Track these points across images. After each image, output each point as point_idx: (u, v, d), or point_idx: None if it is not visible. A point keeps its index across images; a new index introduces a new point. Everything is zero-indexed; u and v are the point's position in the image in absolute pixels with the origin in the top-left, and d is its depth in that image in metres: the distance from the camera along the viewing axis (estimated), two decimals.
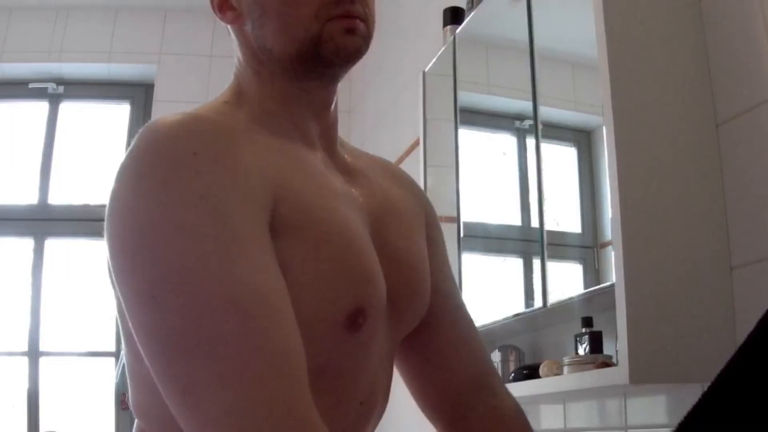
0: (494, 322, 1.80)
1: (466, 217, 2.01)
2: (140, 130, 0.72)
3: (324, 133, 0.88)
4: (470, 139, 2.08)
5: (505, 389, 1.01)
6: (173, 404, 0.65)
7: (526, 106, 1.70)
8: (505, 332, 1.91)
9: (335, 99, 0.89)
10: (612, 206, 1.28)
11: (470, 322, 1.01)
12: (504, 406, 1.00)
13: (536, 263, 1.63)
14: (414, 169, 2.71)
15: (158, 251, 0.65)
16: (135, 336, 0.68)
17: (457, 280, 1.98)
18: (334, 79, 0.87)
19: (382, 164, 1.00)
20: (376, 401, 0.88)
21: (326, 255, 0.75)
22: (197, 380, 0.63)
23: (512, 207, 1.84)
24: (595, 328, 1.48)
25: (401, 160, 3.09)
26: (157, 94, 3.78)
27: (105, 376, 3.61)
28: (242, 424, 0.61)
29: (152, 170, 0.68)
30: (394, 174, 1.00)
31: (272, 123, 0.83)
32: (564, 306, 1.55)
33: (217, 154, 0.69)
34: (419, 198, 1.01)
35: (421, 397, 1.03)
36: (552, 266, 1.59)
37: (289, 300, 0.68)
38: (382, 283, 0.81)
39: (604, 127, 1.31)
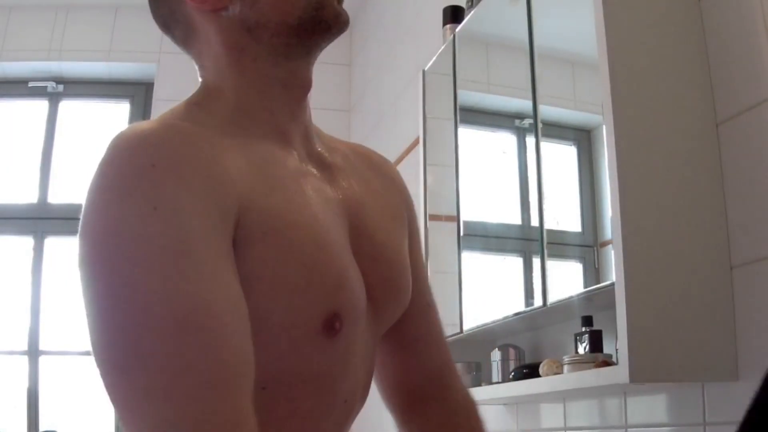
0: (494, 321, 1.80)
1: (466, 216, 2.01)
2: (110, 140, 0.72)
3: (300, 127, 0.87)
4: (470, 137, 2.08)
5: (462, 385, 1.02)
6: (117, 415, 0.65)
7: (526, 104, 1.70)
8: (505, 331, 1.91)
9: (311, 89, 0.89)
10: (612, 205, 1.28)
11: (438, 320, 1.02)
12: (458, 399, 1.00)
13: (536, 262, 1.63)
14: (414, 167, 2.71)
15: (108, 264, 0.65)
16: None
17: (457, 279, 1.98)
18: (316, 56, 0.87)
19: (362, 153, 0.99)
20: (357, 398, 0.88)
21: (297, 262, 0.74)
22: (133, 395, 0.63)
23: (512, 206, 1.84)
24: (595, 327, 1.48)
25: (401, 158, 3.08)
26: (157, 92, 3.78)
27: None
28: None
29: (111, 183, 0.68)
30: (374, 163, 0.99)
31: (248, 120, 0.82)
32: (564, 305, 1.55)
33: (175, 166, 0.68)
34: (400, 191, 1.01)
35: (383, 384, 1.03)
36: (552, 265, 1.59)
37: (241, 312, 0.67)
38: (359, 286, 0.80)
39: (604, 126, 1.31)
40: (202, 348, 0.63)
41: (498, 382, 1.79)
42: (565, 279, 1.60)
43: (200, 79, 0.88)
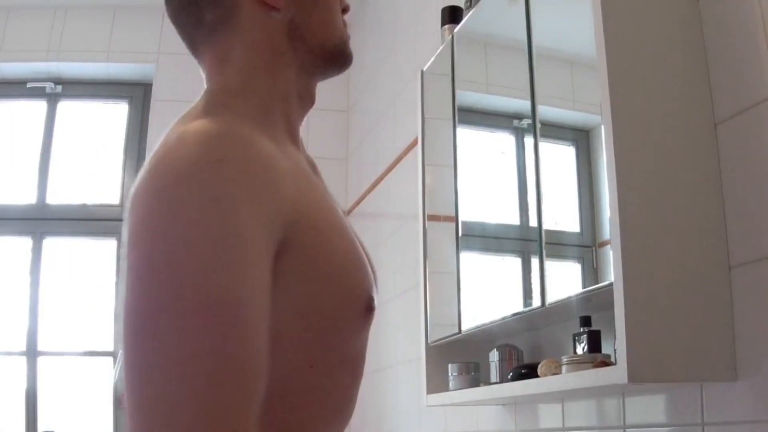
0: (493, 322, 1.80)
1: (464, 216, 2.01)
2: (175, 136, 0.73)
3: (298, 131, 0.95)
4: (468, 138, 2.08)
5: None
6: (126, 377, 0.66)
7: (524, 105, 1.70)
8: (503, 331, 1.91)
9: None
10: (610, 205, 1.28)
11: None
12: None
13: (535, 262, 1.63)
14: (412, 168, 2.71)
15: (158, 236, 0.67)
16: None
17: (455, 280, 1.98)
18: (320, 80, 0.96)
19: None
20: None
21: (341, 252, 0.80)
22: (141, 363, 0.64)
23: (510, 206, 1.84)
24: (594, 328, 1.48)
25: (399, 159, 3.09)
26: (156, 93, 3.78)
27: (103, 375, 3.61)
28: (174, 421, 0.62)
29: (178, 171, 0.69)
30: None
31: (271, 124, 0.85)
32: (562, 305, 1.54)
33: (240, 164, 0.71)
34: None
35: None
36: (550, 265, 1.59)
37: (265, 318, 0.69)
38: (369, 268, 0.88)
39: (602, 126, 1.31)
40: (221, 339, 0.64)
41: (496, 383, 1.79)
42: (564, 279, 1.60)
43: (215, 73, 0.88)
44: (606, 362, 1.36)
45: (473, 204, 2.01)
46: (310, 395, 0.76)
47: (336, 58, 0.93)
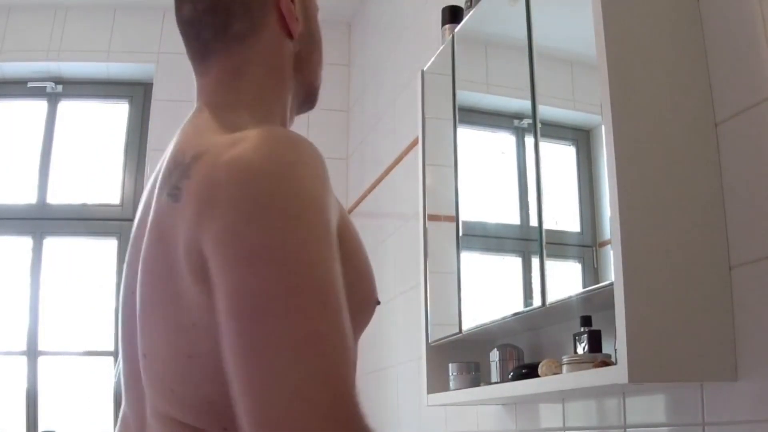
0: (493, 322, 1.80)
1: (464, 216, 2.01)
2: (252, 140, 0.77)
3: None
4: (469, 138, 2.08)
5: None
6: (246, 364, 0.70)
7: (524, 105, 1.70)
8: (504, 331, 1.91)
9: None
10: (611, 205, 1.28)
11: None
12: None
13: (535, 262, 1.63)
14: (413, 168, 2.71)
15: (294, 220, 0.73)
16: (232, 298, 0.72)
17: (455, 280, 1.98)
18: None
19: None
20: None
21: (363, 256, 0.90)
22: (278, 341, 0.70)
23: (511, 206, 1.84)
24: (594, 327, 1.48)
25: (400, 159, 3.09)
26: (156, 93, 3.78)
27: (103, 375, 3.61)
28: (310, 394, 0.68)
29: (277, 169, 0.75)
30: None
31: None
32: (563, 305, 1.54)
33: (315, 166, 0.78)
34: None
35: None
36: (551, 265, 1.59)
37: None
38: None
39: (602, 126, 1.31)
40: (335, 320, 0.71)
41: (497, 382, 1.79)
42: (564, 279, 1.60)
43: (224, 84, 0.92)
44: (606, 362, 1.36)
45: (474, 204, 2.01)
46: None
47: (312, 99, 1.04)
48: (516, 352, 1.82)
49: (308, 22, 0.98)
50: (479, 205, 2.02)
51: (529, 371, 1.63)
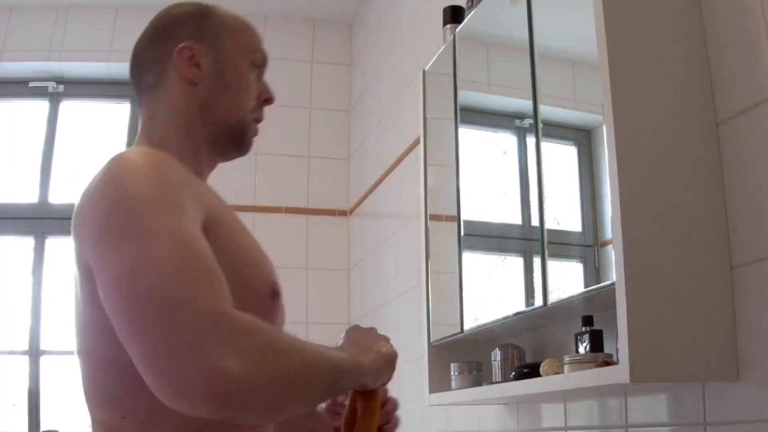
0: (495, 321, 1.81)
1: (466, 215, 2.01)
2: (119, 158, 0.96)
3: (205, 178, 1.16)
4: (470, 137, 2.08)
5: None
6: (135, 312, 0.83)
7: (526, 104, 1.70)
8: (505, 331, 1.91)
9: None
10: (612, 205, 1.28)
11: None
12: None
13: (537, 262, 1.63)
14: (414, 168, 2.72)
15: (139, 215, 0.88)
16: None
17: (457, 279, 1.98)
18: (224, 159, 1.18)
19: None
20: None
21: (247, 243, 1.05)
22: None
23: (512, 206, 1.84)
24: (596, 327, 1.48)
25: (401, 159, 3.09)
26: None
27: None
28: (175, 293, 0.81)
29: (132, 172, 0.93)
30: None
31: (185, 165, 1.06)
32: (564, 305, 1.55)
33: (178, 176, 0.96)
34: None
35: None
36: (552, 265, 1.59)
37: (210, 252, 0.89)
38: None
39: (604, 126, 1.31)
40: (203, 258, 0.86)
41: (498, 382, 1.79)
42: (566, 279, 1.60)
43: (144, 126, 1.12)
44: (608, 362, 1.36)
45: (475, 203, 2.01)
46: None
47: (233, 137, 1.14)
48: (518, 351, 1.82)
49: (218, 66, 1.12)
50: (481, 205, 2.02)
51: (531, 371, 1.63)
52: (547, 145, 1.63)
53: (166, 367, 0.77)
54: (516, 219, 1.85)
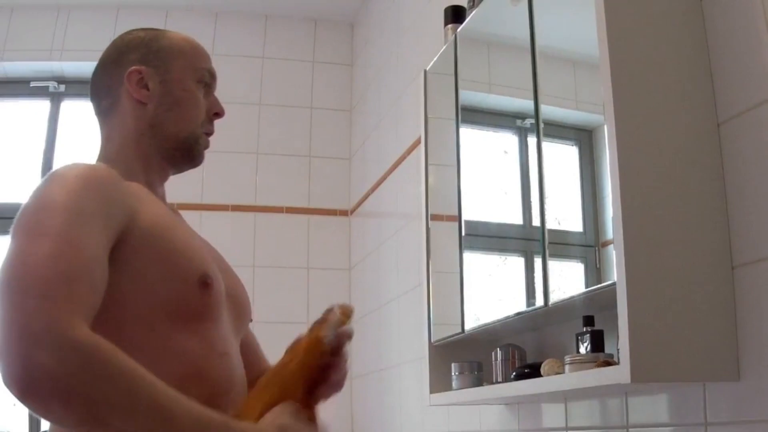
0: (496, 321, 1.81)
1: (467, 215, 2.01)
2: (53, 171, 1.08)
3: (161, 191, 1.26)
4: (471, 137, 2.08)
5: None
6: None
7: (527, 104, 1.70)
8: (506, 331, 1.91)
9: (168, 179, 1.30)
10: (613, 205, 1.28)
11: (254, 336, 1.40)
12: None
13: (538, 262, 1.63)
14: (415, 167, 2.71)
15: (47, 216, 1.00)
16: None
17: (458, 279, 1.98)
18: (176, 171, 1.28)
19: None
20: (235, 370, 1.17)
21: (177, 239, 1.11)
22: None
23: (514, 206, 1.84)
24: (597, 327, 1.48)
25: (402, 158, 3.09)
26: None
27: None
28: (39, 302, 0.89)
29: (53, 183, 1.06)
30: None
31: (132, 178, 1.17)
32: (565, 305, 1.55)
33: (95, 183, 1.05)
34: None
35: None
36: (553, 265, 1.59)
37: (103, 272, 0.98)
38: (217, 270, 1.15)
39: (605, 126, 1.31)
40: (73, 263, 0.94)
41: (499, 382, 1.79)
42: (567, 279, 1.60)
43: (103, 147, 1.26)
44: (609, 362, 1.36)
45: (476, 203, 2.01)
46: (156, 355, 1.02)
47: (184, 149, 1.24)
48: (518, 351, 1.82)
49: (166, 86, 1.23)
50: (482, 205, 2.02)
51: (532, 371, 1.63)
52: (548, 145, 1.63)
53: (1, 349, 0.88)
54: (517, 219, 1.85)
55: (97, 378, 0.87)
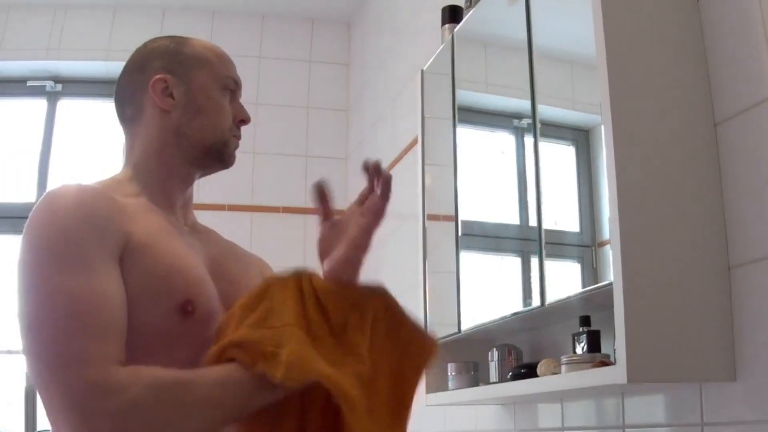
0: (492, 321, 1.81)
1: (464, 215, 2.01)
2: (47, 196, 1.08)
3: (183, 204, 1.26)
4: (468, 137, 2.08)
5: None
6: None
7: (524, 104, 1.70)
8: (503, 331, 1.91)
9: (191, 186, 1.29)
10: (610, 205, 1.28)
11: None
12: None
13: (534, 262, 1.63)
14: (412, 167, 2.71)
15: (36, 268, 1.05)
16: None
17: (454, 279, 1.98)
18: (205, 173, 1.27)
19: (226, 240, 1.35)
20: None
21: (170, 263, 1.09)
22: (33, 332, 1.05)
23: (510, 206, 1.84)
24: (593, 327, 1.48)
25: (399, 158, 3.09)
26: None
27: None
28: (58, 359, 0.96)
29: (46, 220, 1.06)
30: (235, 246, 1.34)
31: (149, 195, 1.18)
32: (562, 305, 1.55)
33: (86, 213, 1.04)
34: (255, 257, 1.37)
35: None
36: (550, 265, 1.59)
37: (119, 298, 1.01)
38: (210, 289, 1.13)
39: (602, 126, 1.31)
40: (86, 316, 0.97)
41: (496, 382, 1.79)
42: (564, 279, 1.60)
43: (125, 157, 1.24)
44: (605, 362, 1.36)
45: (473, 203, 2.01)
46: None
47: (213, 154, 1.22)
48: (515, 351, 1.82)
49: (190, 95, 1.22)
50: (478, 205, 2.02)
51: (528, 371, 1.63)
52: (545, 145, 1.63)
53: (52, 420, 0.96)
54: (514, 219, 1.85)
55: (148, 409, 0.93)
